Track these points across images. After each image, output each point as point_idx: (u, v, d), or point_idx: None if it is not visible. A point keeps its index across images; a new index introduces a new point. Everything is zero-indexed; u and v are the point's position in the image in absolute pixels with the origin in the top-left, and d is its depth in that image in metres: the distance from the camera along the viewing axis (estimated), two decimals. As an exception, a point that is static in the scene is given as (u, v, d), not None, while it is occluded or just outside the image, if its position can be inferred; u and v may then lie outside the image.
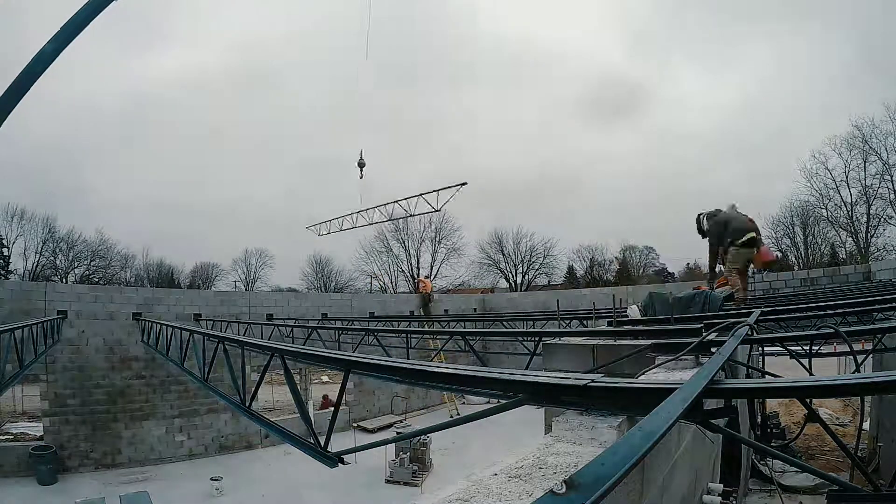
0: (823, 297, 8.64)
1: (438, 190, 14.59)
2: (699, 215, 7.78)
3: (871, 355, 4.79)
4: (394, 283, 41.37)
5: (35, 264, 32.35)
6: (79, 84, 34.21)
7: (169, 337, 9.45)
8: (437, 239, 40.82)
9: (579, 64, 52.74)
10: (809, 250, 32.52)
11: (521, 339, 6.76)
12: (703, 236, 7.74)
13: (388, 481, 11.94)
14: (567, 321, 10.01)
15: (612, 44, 50.90)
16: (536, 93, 54.16)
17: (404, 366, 2.45)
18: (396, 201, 16.44)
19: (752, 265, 7.97)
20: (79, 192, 39.73)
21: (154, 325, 11.70)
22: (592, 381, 1.53)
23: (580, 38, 54.00)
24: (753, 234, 7.29)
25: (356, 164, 15.43)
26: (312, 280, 42.31)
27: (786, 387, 1.41)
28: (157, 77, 43.01)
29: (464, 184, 13.25)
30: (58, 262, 33.69)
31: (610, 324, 4.37)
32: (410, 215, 16.42)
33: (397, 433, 13.00)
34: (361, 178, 15.63)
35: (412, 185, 48.33)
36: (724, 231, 7.29)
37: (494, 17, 54.31)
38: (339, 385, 3.14)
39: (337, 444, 3.26)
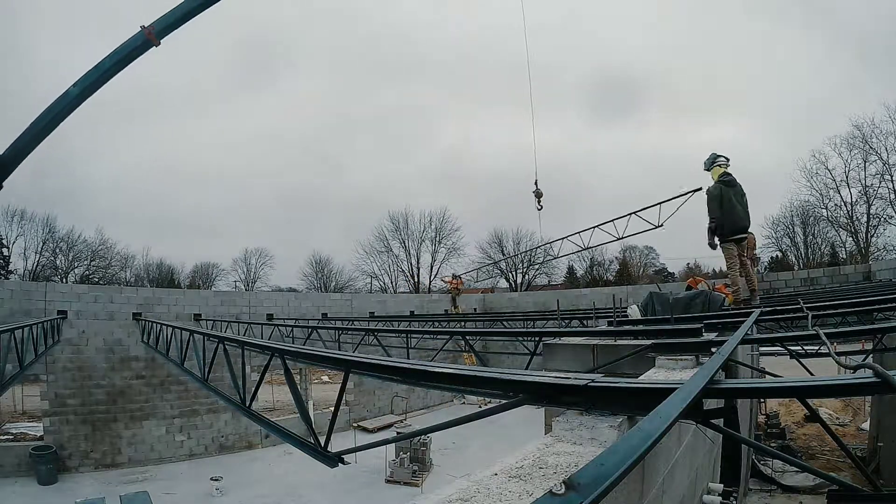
0: (823, 297, 8.62)
1: (662, 202, 10.33)
2: (715, 157, 7.22)
3: (871, 355, 4.78)
4: (394, 283, 41.37)
5: (35, 264, 32.30)
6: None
7: (169, 337, 9.46)
8: (437, 239, 40.80)
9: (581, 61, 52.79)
10: (809, 250, 32.53)
11: (521, 339, 6.74)
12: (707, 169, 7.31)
13: (388, 481, 11.94)
14: (567, 321, 9.99)
15: (613, 43, 50.89)
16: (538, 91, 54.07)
17: (404, 366, 2.44)
18: (603, 224, 11.68)
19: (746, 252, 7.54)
20: (79, 192, 39.78)
21: (154, 325, 11.71)
22: (592, 381, 1.53)
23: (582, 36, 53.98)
24: (747, 233, 7.01)
25: (532, 192, 12.21)
26: (312, 280, 42.29)
27: (786, 387, 1.41)
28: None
29: (698, 189, 8.98)
30: (58, 262, 33.62)
31: (610, 324, 4.37)
32: (620, 238, 11.70)
33: (397, 433, 13.01)
34: (540, 208, 12.35)
35: (410, 183, 48.51)
36: (720, 217, 6.80)
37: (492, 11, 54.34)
38: (339, 385, 3.14)
39: (337, 444, 3.26)
